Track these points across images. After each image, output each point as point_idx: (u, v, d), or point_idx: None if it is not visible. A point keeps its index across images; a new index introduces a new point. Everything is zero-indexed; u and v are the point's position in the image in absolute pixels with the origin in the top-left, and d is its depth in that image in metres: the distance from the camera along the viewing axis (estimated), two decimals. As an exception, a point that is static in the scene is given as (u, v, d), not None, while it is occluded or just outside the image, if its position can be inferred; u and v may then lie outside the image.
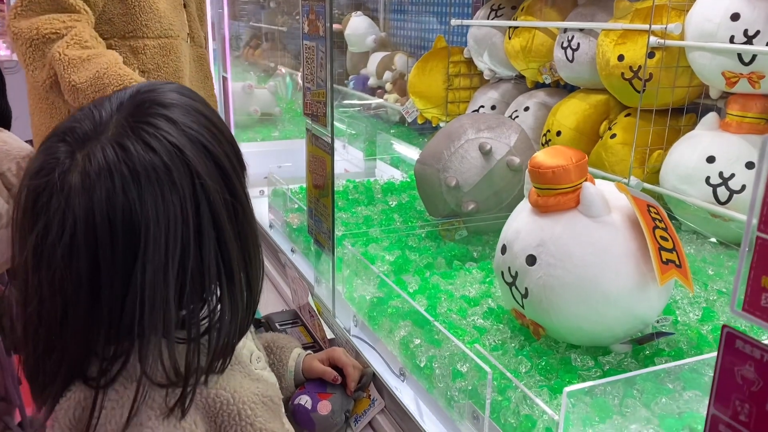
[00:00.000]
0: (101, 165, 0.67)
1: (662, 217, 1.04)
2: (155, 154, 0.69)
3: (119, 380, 0.72)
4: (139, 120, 0.71)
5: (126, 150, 0.68)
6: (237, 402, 0.78)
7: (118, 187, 0.67)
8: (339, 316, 1.36)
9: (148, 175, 0.68)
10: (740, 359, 0.49)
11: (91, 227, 0.67)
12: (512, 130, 1.57)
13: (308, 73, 1.32)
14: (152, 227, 0.67)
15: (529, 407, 0.92)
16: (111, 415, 0.71)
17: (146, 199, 0.67)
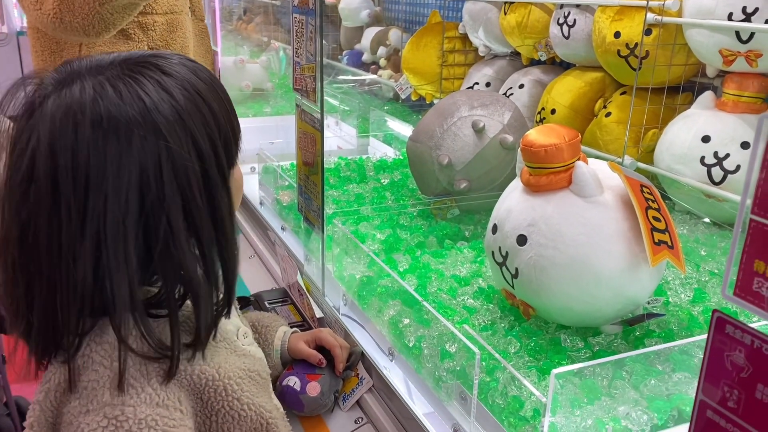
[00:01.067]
0: (75, 99, 0.68)
1: (655, 198, 1.02)
2: (126, 107, 0.69)
3: (97, 359, 0.70)
4: (131, 73, 0.71)
5: (103, 92, 0.69)
6: (222, 377, 0.77)
7: (85, 126, 0.67)
8: (328, 294, 1.35)
9: (116, 124, 0.68)
10: (730, 344, 0.48)
11: (52, 155, 0.67)
12: (506, 108, 1.55)
13: (298, 47, 1.30)
14: (110, 178, 0.67)
15: (517, 388, 0.91)
16: (92, 395, 0.69)
17: (108, 147, 0.67)
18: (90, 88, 0.69)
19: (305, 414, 1.09)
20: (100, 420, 0.67)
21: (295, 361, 1.12)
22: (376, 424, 1.10)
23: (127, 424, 0.68)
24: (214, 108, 0.75)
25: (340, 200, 1.71)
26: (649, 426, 0.87)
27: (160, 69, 0.73)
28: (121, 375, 0.69)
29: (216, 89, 0.78)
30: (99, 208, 0.67)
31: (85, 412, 0.68)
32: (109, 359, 0.70)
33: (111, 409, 0.68)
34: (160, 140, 0.69)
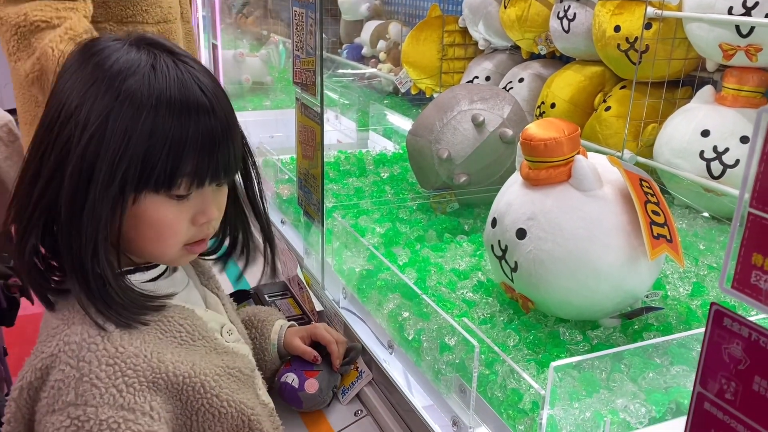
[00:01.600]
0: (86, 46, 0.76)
1: (654, 192, 1.02)
2: (113, 63, 0.73)
3: (64, 358, 0.70)
4: (148, 46, 0.75)
5: (114, 48, 0.75)
6: (198, 374, 0.76)
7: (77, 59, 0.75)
8: (328, 288, 1.35)
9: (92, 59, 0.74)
10: (728, 337, 0.48)
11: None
12: (506, 102, 1.55)
13: (298, 41, 1.29)
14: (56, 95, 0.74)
15: (516, 381, 0.92)
16: (58, 395, 0.69)
17: (97, 107, 0.71)
18: (98, 45, 0.75)
19: (304, 410, 1.09)
20: (63, 420, 0.67)
21: (292, 356, 1.13)
22: (375, 416, 1.11)
23: (89, 424, 0.67)
24: (159, 123, 0.71)
25: (340, 194, 1.71)
26: (647, 419, 0.88)
27: (173, 54, 0.76)
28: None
29: (203, 115, 0.74)
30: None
31: (51, 412, 0.68)
32: (75, 359, 0.70)
33: (74, 408, 0.68)
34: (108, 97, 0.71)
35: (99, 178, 0.69)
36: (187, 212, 0.77)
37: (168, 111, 0.71)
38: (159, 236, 0.76)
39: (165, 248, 0.78)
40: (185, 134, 0.72)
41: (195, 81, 0.74)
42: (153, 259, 0.81)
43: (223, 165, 0.76)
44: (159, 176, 0.71)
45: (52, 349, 0.71)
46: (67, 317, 0.74)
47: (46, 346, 0.72)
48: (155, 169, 0.71)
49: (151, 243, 0.77)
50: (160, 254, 0.79)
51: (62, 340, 0.71)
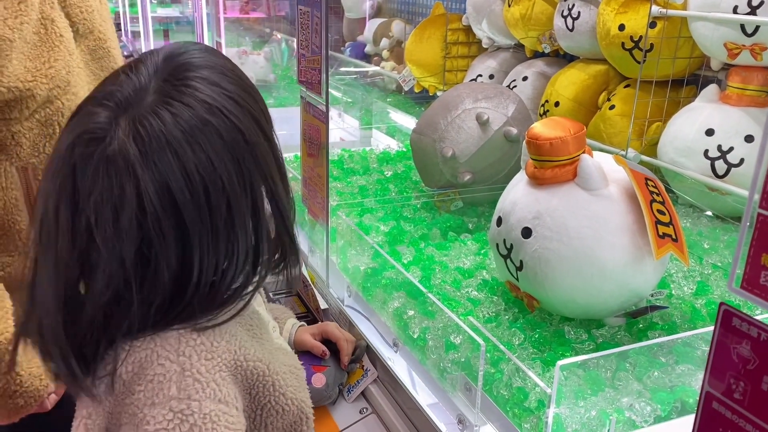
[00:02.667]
0: (159, 129, 0.67)
1: (660, 191, 1.03)
2: (195, 112, 0.69)
3: (163, 353, 0.70)
4: (179, 82, 0.71)
5: (175, 113, 0.68)
6: (272, 373, 0.78)
7: (183, 149, 0.67)
8: (333, 286, 1.35)
9: (203, 131, 0.69)
10: (737, 337, 0.49)
11: (167, 193, 0.67)
12: (510, 100, 1.55)
13: (303, 40, 1.30)
14: (226, 181, 0.69)
15: (522, 380, 0.92)
16: (158, 388, 0.69)
17: (211, 155, 0.69)
18: (166, 114, 0.69)
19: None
20: (166, 413, 0.67)
21: (300, 352, 1.13)
22: (380, 414, 1.11)
23: (192, 418, 0.68)
24: (251, 90, 0.77)
25: (344, 192, 1.71)
26: (652, 417, 0.88)
27: (191, 65, 0.74)
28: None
29: (241, 73, 0.78)
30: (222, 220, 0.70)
31: (151, 405, 0.68)
32: (174, 353, 0.70)
33: (177, 402, 0.68)
34: (237, 132, 0.71)
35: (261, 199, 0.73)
36: None
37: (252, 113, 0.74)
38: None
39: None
40: (263, 115, 0.77)
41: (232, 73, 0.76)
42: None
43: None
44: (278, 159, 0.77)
45: (147, 343, 0.71)
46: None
47: (138, 341, 0.71)
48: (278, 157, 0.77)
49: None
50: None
51: (159, 335, 0.71)
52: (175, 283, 0.69)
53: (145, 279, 0.68)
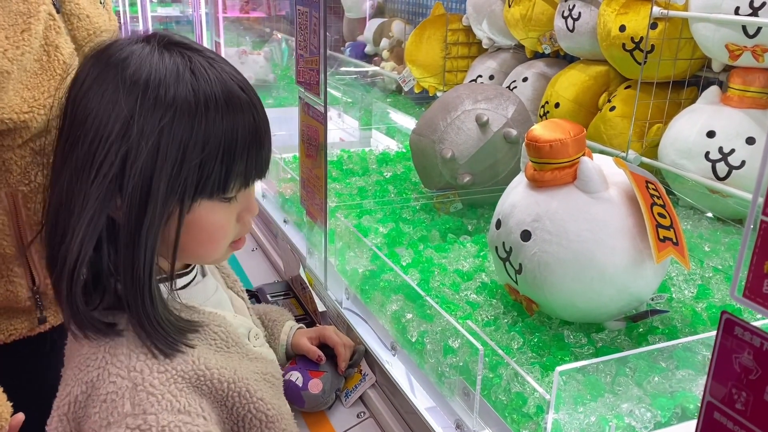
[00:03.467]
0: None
1: (660, 194, 1.02)
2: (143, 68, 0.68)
3: (113, 371, 0.69)
4: (180, 48, 0.71)
5: (135, 52, 0.69)
6: (242, 379, 0.75)
7: (97, 63, 0.70)
8: (331, 288, 1.34)
9: (115, 70, 0.68)
10: (739, 346, 0.48)
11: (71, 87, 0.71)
12: (510, 102, 1.54)
13: (301, 40, 1.29)
14: (88, 118, 0.68)
15: (521, 385, 0.91)
16: (112, 407, 0.67)
17: (98, 88, 0.68)
18: (127, 41, 0.71)
19: (305, 410, 1.09)
20: (123, 431, 0.66)
21: (299, 355, 1.12)
22: (378, 418, 1.10)
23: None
24: (211, 129, 0.69)
25: (343, 193, 1.70)
26: (652, 423, 0.87)
27: (201, 53, 0.72)
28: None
29: (248, 113, 0.71)
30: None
31: (107, 425, 0.66)
32: (125, 369, 0.68)
33: (133, 419, 0.66)
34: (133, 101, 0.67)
35: (159, 195, 0.67)
36: (235, 211, 0.76)
37: (218, 115, 0.69)
38: (211, 239, 0.75)
39: (215, 250, 0.77)
40: (235, 136, 0.70)
41: (233, 79, 0.72)
42: (200, 260, 0.80)
43: (266, 160, 0.76)
44: (214, 182, 0.70)
45: (98, 362, 0.69)
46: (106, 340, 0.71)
47: (91, 360, 0.69)
48: (211, 176, 0.69)
49: (202, 246, 0.75)
50: (209, 256, 0.78)
51: (108, 353, 0.69)
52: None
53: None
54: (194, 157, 0.68)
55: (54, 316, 1.15)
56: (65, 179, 0.68)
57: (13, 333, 1.09)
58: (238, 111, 0.70)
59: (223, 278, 0.94)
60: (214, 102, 0.68)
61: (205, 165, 0.69)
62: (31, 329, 1.11)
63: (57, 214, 0.69)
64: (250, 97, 0.73)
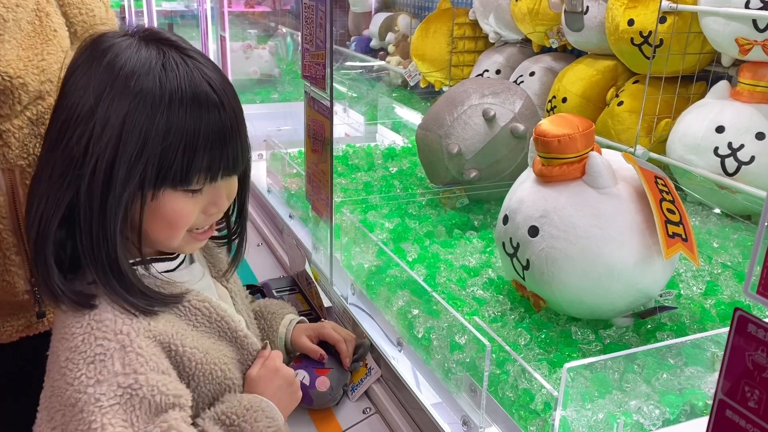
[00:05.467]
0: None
1: (669, 189, 1.01)
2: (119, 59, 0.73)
3: (99, 335, 0.73)
4: (155, 40, 0.76)
5: (117, 44, 0.75)
6: (209, 362, 0.81)
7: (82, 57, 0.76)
8: (336, 284, 1.34)
9: (101, 59, 0.74)
10: (752, 344, 0.47)
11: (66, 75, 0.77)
12: (517, 96, 1.53)
13: (307, 34, 1.28)
14: (68, 98, 0.74)
15: (528, 381, 0.90)
16: (101, 366, 0.71)
17: (83, 72, 0.74)
18: (107, 42, 0.75)
19: (314, 408, 1.08)
20: (115, 389, 0.70)
21: (301, 356, 1.12)
22: (384, 414, 1.10)
23: (141, 391, 0.71)
24: (173, 122, 0.73)
25: (348, 188, 1.70)
26: (660, 420, 0.87)
27: (180, 50, 0.76)
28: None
29: (213, 111, 0.75)
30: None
31: (96, 383, 0.70)
32: (111, 332, 0.72)
33: (124, 378, 0.71)
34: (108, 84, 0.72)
35: (118, 178, 0.71)
36: (201, 204, 0.80)
37: (181, 109, 0.73)
38: (171, 227, 0.79)
39: (173, 237, 0.80)
40: (198, 131, 0.74)
41: (204, 77, 0.76)
42: (159, 247, 0.83)
43: (233, 159, 0.79)
44: (175, 173, 0.74)
45: (83, 329, 0.72)
46: (87, 311, 0.75)
47: (76, 328, 0.73)
48: (172, 166, 0.73)
49: (162, 233, 0.79)
50: (168, 242, 0.81)
51: (93, 320, 0.73)
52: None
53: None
54: (155, 147, 0.72)
55: (54, 313, 1.13)
56: (43, 150, 0.75)
57: (9, 330, 1.05)
58: (204, 107, 0.74)
59: (209, 268, 0.97)
60: (179, 96, 0.73)
61: (165, 155, 0.73)
62: (28, 326, 1.07)
63: (32, 183, 0.76)
64: (219, 96, 0.76)
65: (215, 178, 0.78)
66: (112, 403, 0.69)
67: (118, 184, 0.72)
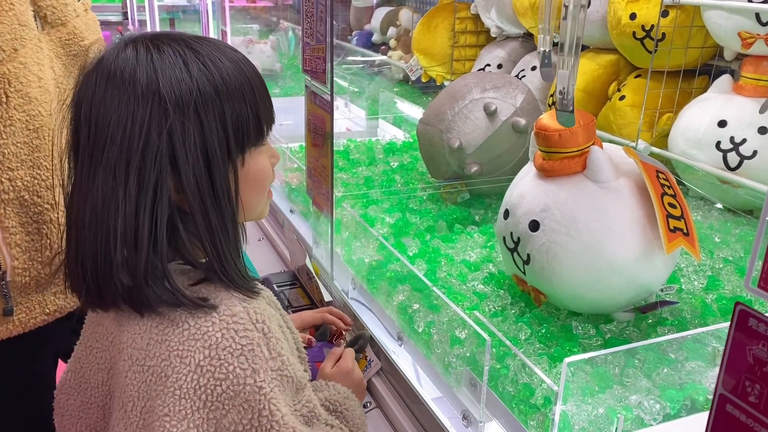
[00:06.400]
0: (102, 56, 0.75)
1: (671, 184, 1.00)
2: (138, 68, 0.72)
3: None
4: (159, 43, 0.74)
5: (123, 53, 0.73)
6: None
7: (99, 77, 0.73)
8: (337, 278, 1.34)
9: (123, 80, 0.71)
10: (753, 338, 0.47)
11: (78, 107, 0.74)
12: (518, 90, 1.52)
13: (308, 28, 1.27)
14: (111, 126, 0.71)
15: (528, 376, 0.90)
16: (252, 356, 0.72)
17: (112, 99, 0.71)
18: (116, 51, 0.74)
19: None
20: (271, 374, 0.72)
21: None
22: (384, 408, 1.10)
23: (287, 371, 0.75)
24: (231, 86, 0.75)
25: (349, 183, 1.69)
26: (661, 415, 0.86)
27: (187, 44, 0.75)
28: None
29: (243, 70, 0.77)
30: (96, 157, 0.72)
31: (253, 372, 0.71)
32: (251, 323, 0.73)
33: (273, 362, 0.73)
34: (162, 103, 0.71)
35: (217, 156, 0.73)
36: (267, 156, 0.82)
37: (230, 75, 0.75)
38: (262, 187, 0.82)
39: (263, 199, 0.83)
40: (248, 84, 0.77)
41: (223, 48, 0.78)
42: (252, 214, 0.84)
43: (270, 102, 0.82)
44: (253, 130, 0.77)
45: (219, 325, 0.71)
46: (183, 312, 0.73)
47: (201, 327, 0.71)
48: (249, 125, 0.76)
49: (255, 197, 0.81)
50: (258, 206, 0.84)
51: (225, 314, 0.72)
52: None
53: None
54: (232, 114, 0.74)
55: (25, 313, 1.10)
56: (98, 185, 0.71)
57: None
58: (240, 64, 0.77)
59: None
60: (225, 66, 0.75)
61: (240, 117, 0.75)
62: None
63: (94, 221, 0.72)
64: (237, 53, 0.80)
65: (273, 120, 0.81)
66: (273, 386, 0.72)
67: (220, 163, 0.73)
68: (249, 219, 0.84)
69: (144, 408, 0.71)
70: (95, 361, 0.80)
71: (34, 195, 1.07)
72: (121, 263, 0.70)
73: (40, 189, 1.07)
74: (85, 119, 0.73)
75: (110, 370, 0.78)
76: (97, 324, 0.81)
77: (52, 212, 1.09)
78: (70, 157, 0.76)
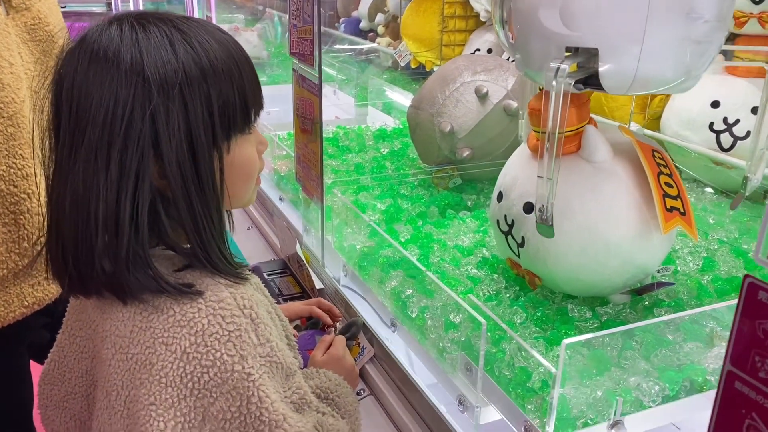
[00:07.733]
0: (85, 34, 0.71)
1: (667, 163, 0.99)
2: (122, 47, 0.69)
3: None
4: (145, 23, 0.71)
5: (106, 32, 0.70)
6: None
7: (82, 55, 0.69)
8: (328, 266, 1.32)
9: (106, 59, 0.68)
10: (762, 312, 0.45)
11: (58, 85, 0.71)
12: (510, 73, 1.50)
13: (294, 9, 1.25)
14: (93, 107, 0.68)
15: (525, 359, 0.89)
16: (239, 342, 0.70)
17: (94, 78, 0.68)
18: (99, 29, 0.71)
19: None
20: (259, 360, 0.71)
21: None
22: (378, 396, 1.08)
23: (276, 357, 0.73)
24: (218, 69, 0.72)
25: (339, 170, 1.67)
26: (660, 397, 0.85)
27: (174, 25, 0.72)
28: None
29: (232, 54, 0.74)
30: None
31: (241, 358, 0.69)
32: (238, 308, 0.71)
33: (261, 348, 0.71)
34: (146, 84, 0.68)
35: (201, 142, 0.70)
36: (254, 144, 0.79)
37: (217, 57, 0.72)
38: (248, 176, 0.79)
39: (250, 187, 0.81)
40: (236, 67, 0.74)
41: (209, 27, 0.75)
42: (238, 202, 0.81)
43: (259, 87, 0.79)
44: (239, 116, 0.74)
45: (205, 311, 0.69)
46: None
47: (187, 314, 0.69)
48: (235, 111, 0.73)
49: (242, 186, 0.79)
50: (245, 195, 0.81)
51: (211, 300, 0.70)
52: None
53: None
54: (218, 100, 0.71)
55: (3, 307, 1.06)
56: (79, 168, 0.68)
57: None
58: (228, 47, 0.74)
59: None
60: (211, 47, 0.72)
61: (226, 102, 0.72)
62: None
63: (74, 206, 0.69)
64: (226, 35, 0.77)
65: (262, 107, 0.79)
66: (261, 373, 0.70)
67: (205, 149, 0.70)
68: (235, 206, 0.82)
69: (128, 397, 0.69)
70: (78, 350, 0.78)
71: (10, 185, 1.04)
72: (102, 249, 0.68)
73: (16, 178, 1.04)
74: (67, 99, 0.69)
75: (93, 359, 0.76)
76: (81, 311, 0.78)
77: (29, 202, 1.06)
78: (50, 136, 0.72)
